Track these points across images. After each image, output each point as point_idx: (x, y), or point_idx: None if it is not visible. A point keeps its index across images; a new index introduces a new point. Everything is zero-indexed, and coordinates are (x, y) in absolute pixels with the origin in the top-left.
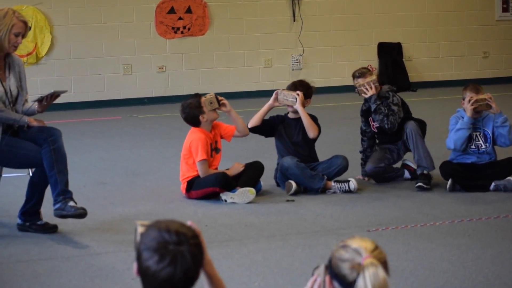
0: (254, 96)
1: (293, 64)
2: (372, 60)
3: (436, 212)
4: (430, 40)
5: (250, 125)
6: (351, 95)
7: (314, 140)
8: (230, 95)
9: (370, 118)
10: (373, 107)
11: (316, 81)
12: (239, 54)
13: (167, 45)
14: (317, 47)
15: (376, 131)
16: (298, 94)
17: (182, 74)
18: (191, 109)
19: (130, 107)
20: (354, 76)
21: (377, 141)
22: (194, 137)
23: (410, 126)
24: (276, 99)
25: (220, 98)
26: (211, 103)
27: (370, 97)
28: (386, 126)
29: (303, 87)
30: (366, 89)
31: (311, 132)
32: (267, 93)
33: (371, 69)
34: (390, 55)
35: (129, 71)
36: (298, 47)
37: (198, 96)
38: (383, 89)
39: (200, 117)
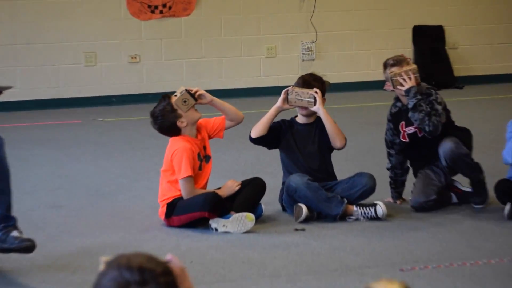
0: (253, 94)
1: (303, 54)
2: (405, 49)
3: (491, 246)
4: (481, 22)
5: (254, 135)
6: (378, 94)
7: (331, 151)
8: (223, 93)
9: (402, 123)
10: (411, 103)
11: (333, 75)
12: (234, 40)
13: (142, 28)
14: (334, 31)
15: (407, 141)
16: (316, 92)
17: (161, 66)
18: (164, 117)
19: (94, 107)
20: (386, 65)
21: (407, 162)
22: (176, 147)
23: (447, 149)
24: (285, 99)
25: (193, 89)
26: (185, 101)
27: (409, 89)
28: (426, 128)
29: (317, 83)
30: (404, 79)
31: (338, 140)
32: (270, 91)
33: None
34: (429, 42)
35: (93, 62)
36: (310, 32)
37: (167, 98)
38: (422, 86)
39: (178, 123)
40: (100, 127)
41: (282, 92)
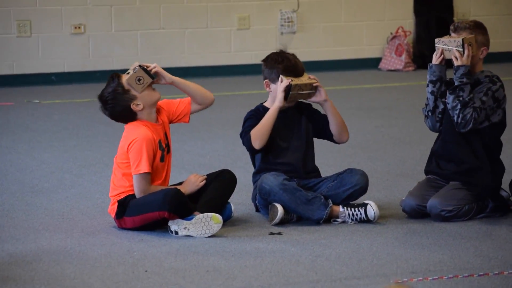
0: (222, 73)
1: (282, 25)
2: (405, 20)
3: (504, 255)
4: None
5: (259, 146)
6: (373, 74)
7: (313, 142)
8: (186, 72)
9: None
10: (455, 82)
11: (318, 52)
12: (199, 8)
13: None
14: None
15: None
16: (316, 80)
17: (110, 37)
18: (115, 100)
19: (29, 87)
20: (450, 30)
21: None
22: (135, 136)
23: (431, 205)
24: (286, 97)
25: (149, 66)
26: (139, 79)
27: (459, 67)
28: (455, 118)
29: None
30: (460, 51)
31: (345, 133)
32: (242, 70)
33: (405, 32)
34: (434, 12)
35: (27, 32)
36: None
37: (117, 77)
38: (484, 72)
39: (133, 106)
40: (37, 110)
41: (283, 89)
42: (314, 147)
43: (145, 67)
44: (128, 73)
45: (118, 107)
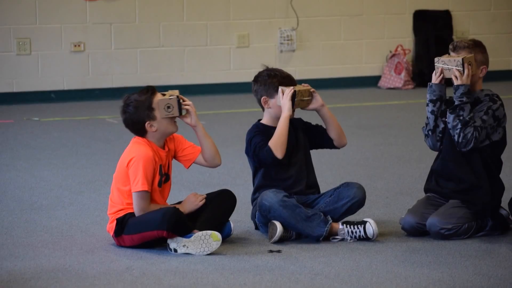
0: (221, 91)
1: (281, 44)
2: (405, 38)
3: (503, 273)
4: (497, 7)
5: (281, 155)
6: (371, 92)
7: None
8: (185, 90)
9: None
10: (455, 102)
11: (317, 70)
12: (199, 26)
13: (87, 9)
14: (319, 16)
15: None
16: (310, 87)
17: (110, 55)
18: (136, 109)
19: (28, 105)
20: (449, 49)
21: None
22: (136, 153)
23: (430, 223)
24: (292, 100)
25: (185, 102)
26: (168, 107)
27: (459, 86)
28: (455, 137)
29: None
30: (460, 70)
31: (344, 136)
32: (242, 88)
33: (405, 50)
34: (433, 30)
35: (27, 50)
36: (290, 17)
37: (152, 91)
38: (484, 91)
39: (147, 125)
40: (36, 128)
41: (289, 98)
42: (312, 161)
43: (181, 101)
44: (164, 95)
45: (135, 116)
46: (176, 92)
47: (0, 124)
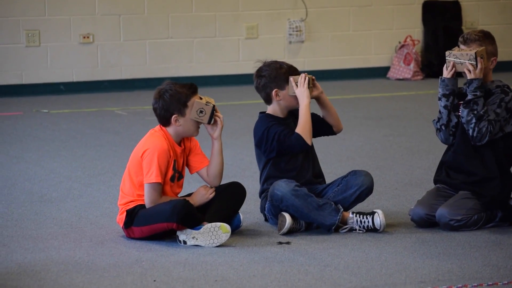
0: (230, 83)
1: (290, 35)
2: (414, 29)
3: None
4: None
5: (310, 141)
6: (380, 83)
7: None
8: (194, 81)
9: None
10: (469, 96)
11: (326, 61)
12: (207, 17)
13: (95, 1)
14: (328, 7)
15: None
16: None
17: (119, 47)
18: (172, 98)
19: (37, 97)
20: (459, 41)
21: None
22: (151, 145)
23: (440, 214)
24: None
25: (218, 113)
26: (201, 111)
27: (472, 80)
28: (470, 132)
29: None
30: (473, 64)
31: (340, 122)
32: (250, 79)
33: (414, 41)
34: (442, 21)
35: (36, 42)
36: (299, 8)
37: (193, 89)
38: (494, 82)
39: (173, 118)
40: (45, 120)
41: (306, 86)
42: (314, 151)
43: (215, 111)
44: (201, 98)
45: (166, 105)
46: (212, 101)
47: (9, 116)
